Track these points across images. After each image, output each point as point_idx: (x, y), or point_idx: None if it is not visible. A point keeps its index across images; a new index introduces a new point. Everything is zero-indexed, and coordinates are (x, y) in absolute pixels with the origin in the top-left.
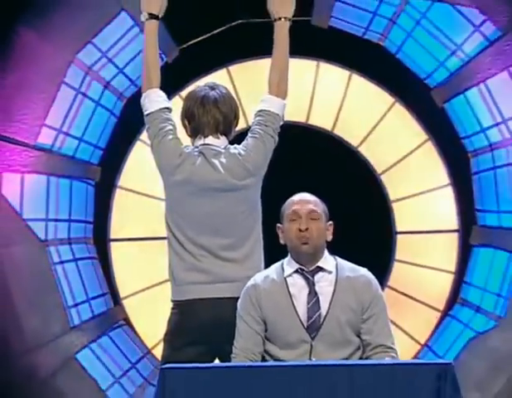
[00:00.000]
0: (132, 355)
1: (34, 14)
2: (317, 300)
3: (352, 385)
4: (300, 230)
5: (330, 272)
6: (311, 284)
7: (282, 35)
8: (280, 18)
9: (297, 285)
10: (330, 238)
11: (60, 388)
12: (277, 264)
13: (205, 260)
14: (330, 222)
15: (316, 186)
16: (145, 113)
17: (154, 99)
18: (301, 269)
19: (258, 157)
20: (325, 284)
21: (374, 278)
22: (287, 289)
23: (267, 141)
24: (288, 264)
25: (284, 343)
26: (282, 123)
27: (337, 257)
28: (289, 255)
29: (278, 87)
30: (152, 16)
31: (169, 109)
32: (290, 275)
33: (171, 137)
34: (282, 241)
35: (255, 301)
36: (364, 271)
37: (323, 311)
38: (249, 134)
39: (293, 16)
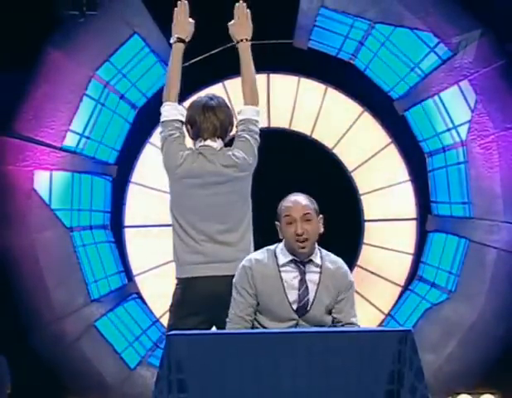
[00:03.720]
0: (143, 323)
1: (60, 36)
2: (307, 287)
3: (327, 349)
4: (297, 235)
5: (317, 265)
6: (302, 273)
7: (246, 54)
8: (242, 40)
9: (290, 273)
10: (322, 230)
11: (83, 351)
12: (269, 250)
13: (205, 244)
14: (321, 216)
15: (297, 182)
16: (161, 119)
17: (170, 111)
18: (294, 260)
19: (248, 155)
20: (312, 274)
21: (347, 267)
22: (280, 276)
23: (253, 142)
24: (282, 254)
25: (275, 320)
26: (260, 125)
27: (320, 248)
28: (283, 245)
29: (251, 98)
30: (179, 39)
31: (181, 122)
32: (284, 264)
33: (176, 142)
34: (281, 236)
35: (250, 279)
36: (341, 263)
37: (311, 297)
38: (237, 139)
39: (278, 40)
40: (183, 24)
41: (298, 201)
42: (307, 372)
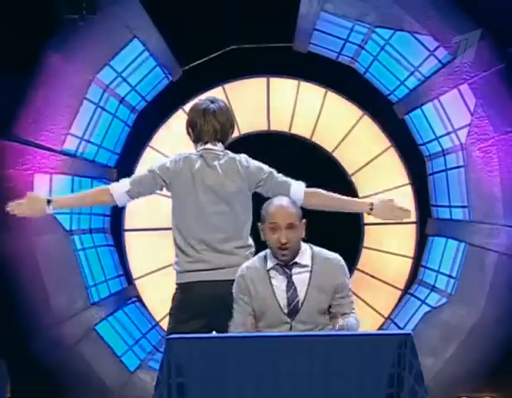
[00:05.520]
0: (143, 326)
1: (60, 40)
2: (295, 289)
3: (328, 354)
4: (280, 243)
5: (305, 266)
6: (288, 277)
7: (354, 209)
8: (370, 212)
9: (278, 277)
10: (303, 235)
11: (82, 354)
12: (261, 255)
13: (205, 253)
14: (304, 220)
15: None
16: (128, 187)
17: (120, 185)
18: (279, 264)
19: (253, 166)
20: (301, 275)
21: (343, 261)
22: (270, 281)
23: (268, 177)
24: (270, 259)
25: (268, 325)
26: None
27: (312, 246)
28: (270, 250)
29: (308, 198)
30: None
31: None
32: (271, 268)
33: (157, 172)
34: (263, 238)
35: (244, 288)
36: (335, 259)
37: (301, 298)
38: (261, 165)
39: (278, 44)
40: (34, 210)
41: (283, 207)
42: (307, 376)
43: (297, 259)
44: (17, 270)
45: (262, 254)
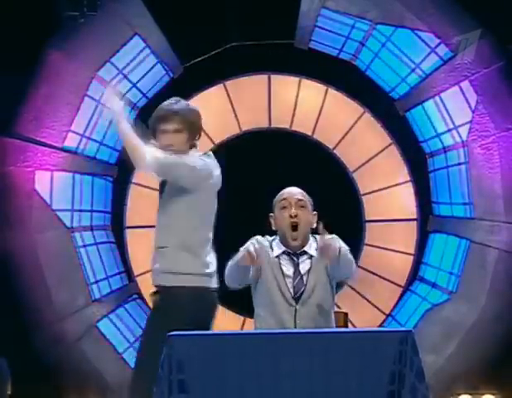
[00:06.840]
0: (144, 323)
1: (61, 38)
2: (301, 277)
3: (328, 351)
4: (290, 217)
5: (310, 255)
6: (295, 265)
7: None
8: None
9: (286, 264)
10: (314, 225)
11: (84, 351)
12: (268, 240)
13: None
14: (315, 212)
15: (298, 182)
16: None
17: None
18: (287, 251)
19: None
20: (305, 263)
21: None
22: (279, 265)
23: None
24: (277, 246)
25: (273, 309)
26: None
27: (316, 236)
28: (278, 238)
29: None
30: None
31: None
32: (278, 256)
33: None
34: (273, 228)
35: (259, 251)
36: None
37: (305, 282)
38: None
39: (279, 41)
40: None
41: (293, 189)
42: (308, 373)
43: (305, 249)
44: (19, 267)
45: (270, 238)
